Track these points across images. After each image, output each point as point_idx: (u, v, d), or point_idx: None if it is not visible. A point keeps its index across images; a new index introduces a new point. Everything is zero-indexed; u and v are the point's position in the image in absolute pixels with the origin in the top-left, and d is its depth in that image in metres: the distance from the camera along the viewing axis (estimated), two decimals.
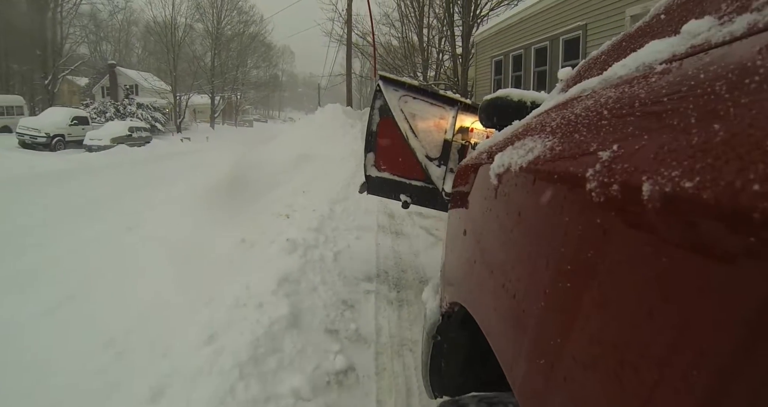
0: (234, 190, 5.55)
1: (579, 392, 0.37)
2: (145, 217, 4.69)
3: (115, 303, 2.80)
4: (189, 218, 4.43)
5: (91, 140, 15.27)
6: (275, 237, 3.53)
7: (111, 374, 2.06)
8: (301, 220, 4.04)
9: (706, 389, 0.25)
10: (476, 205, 0.77)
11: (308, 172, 5.66)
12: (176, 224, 4.28)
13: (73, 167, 10.50)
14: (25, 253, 3.83)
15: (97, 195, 6.58)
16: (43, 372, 2.11)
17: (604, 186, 0.35)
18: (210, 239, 3.91)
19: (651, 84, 0.41)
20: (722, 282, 0.24)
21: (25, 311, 2.72)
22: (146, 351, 2.19)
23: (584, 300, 0.38)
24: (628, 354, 0.31)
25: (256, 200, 5.21)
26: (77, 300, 2.89)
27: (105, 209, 5.50)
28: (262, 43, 35.55)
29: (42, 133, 14.81)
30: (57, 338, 2.42)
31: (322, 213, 4.29)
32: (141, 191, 6.52)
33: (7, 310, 2.73)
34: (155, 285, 2.99)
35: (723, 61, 0.33)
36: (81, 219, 5.03)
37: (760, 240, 0.22)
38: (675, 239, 0.28)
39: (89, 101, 24.12)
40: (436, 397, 1.10)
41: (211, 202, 4.93)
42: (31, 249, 3.95)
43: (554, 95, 0.79)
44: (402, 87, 3.00)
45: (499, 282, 0.58)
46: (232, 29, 31.72)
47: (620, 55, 0.58)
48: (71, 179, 8.37)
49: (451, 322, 0.96)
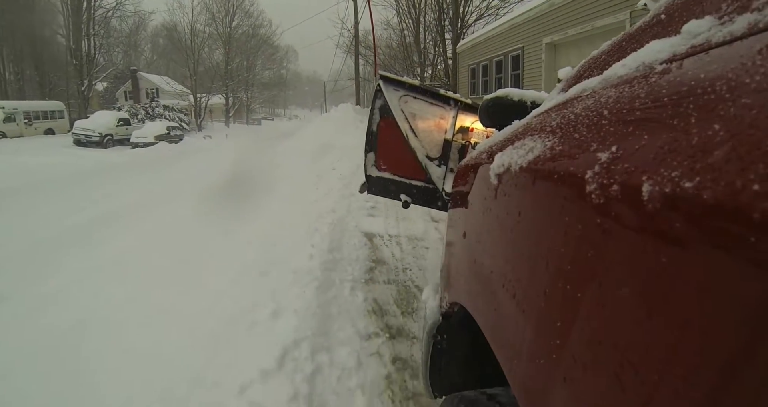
0: (286, 164, 8.09)
1: (579, 392, 0.37)
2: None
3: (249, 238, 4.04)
4: (280, 172, 7.35)
5: (137, 138, 17.48)
6: (330, 180, 6.28)
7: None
8: (338, 179, 6.34)
9: (706, 389, 0.25)
10: (476, 205, 0.77)
11: (333, 155, 7.52)
12: (276, 174, 7.18)
13: (132, 160, 12.78)
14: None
15: (188, 175, 8.91)
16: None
17: (604, 186, 0.35)
18: (304, 174, 6.98)
19: (651, 84, 0.40)
20: (722, 282, 0.24)
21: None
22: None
23: (584, 300, 0.37)
24: (627, 354, 0.31)
25: (310, 165, 7.61)
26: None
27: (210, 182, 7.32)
28: (270, 46, 37.77)
29: (96, 133, 17.45)
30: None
31: (346, 176, 6.52)
32: (211, 174, 8.30)
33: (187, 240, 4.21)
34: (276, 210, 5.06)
35: (723, 61, 0.33)
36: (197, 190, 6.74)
37: (760, 240, 0.22)
38: (675, 239, 0.28)
39: (120, 105, 26.37)
40: (435, 397, 1.10)
41: (276, 169, 7.73)
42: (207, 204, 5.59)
43: (554, 95, 0.79)
44: (402, 87, 2.99)
45: (499, 282, 0.58)
46: (243, 34, 33.98)
47: (620, 55, 0.58)
48: (142, 167, 10.65)
49: (451, 322, 0.96)
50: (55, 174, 9.51)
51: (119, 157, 13.45)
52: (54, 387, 2.08)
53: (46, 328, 2.63)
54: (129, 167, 11.00)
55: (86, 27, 23.42)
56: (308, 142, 9.96)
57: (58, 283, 3.37)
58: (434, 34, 18.56)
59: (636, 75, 0.46)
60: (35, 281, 3.41)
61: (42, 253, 4.13)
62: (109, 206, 6.09)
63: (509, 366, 0.53)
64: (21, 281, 3.42)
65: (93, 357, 2.28)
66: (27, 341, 2.52)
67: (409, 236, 4.00)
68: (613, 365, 0.32)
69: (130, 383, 2.00)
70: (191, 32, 29.85)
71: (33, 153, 13.35)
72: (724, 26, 0.39)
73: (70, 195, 7.03)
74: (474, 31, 15.71)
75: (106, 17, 25.40)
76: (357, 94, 19.29)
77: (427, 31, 19.22)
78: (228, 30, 32.38)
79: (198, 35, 30.07)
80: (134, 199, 6.58)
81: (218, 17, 32.03)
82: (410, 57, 20.27)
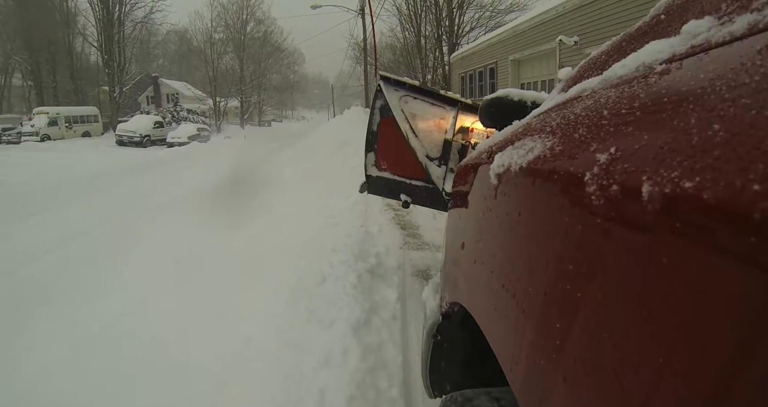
0: (316, 156, 9.56)
1: (579, 392, 0.37)
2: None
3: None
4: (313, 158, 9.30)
5: (173, 138, 20.02)
6: (349, 166, 6.90)
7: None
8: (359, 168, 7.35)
9: (706, 389, 0.25)
10: (476, 205, 0.77)
11: (349, 150, 8.14)
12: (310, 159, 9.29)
13: (174, 156, 14.53)
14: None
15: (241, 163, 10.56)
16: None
17: (604, 186, 0.35)
18: (330, 162, 8.34)
19: (651, 84, 0.40)
20: (722, 282, 0.24)
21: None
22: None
23: (584, 300, 0.37)
24: (627, 354, 0.31)
25: (335, 156, 8.69)
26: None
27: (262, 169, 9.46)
28: (280, 51, 40.21)
29: (137, 135, 20.29)
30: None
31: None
32: (259, 164, 10.20)
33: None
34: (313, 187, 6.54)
35: (723, 61, 0.33)
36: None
37: (760, 240, 0.22)
38: (675, 239, 0.28)
39: (149, 109, 29.66)
40: (435, 397, 1.10)
41: (312, 159, 9.38)
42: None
43: (554, 95, 0.79)
44: (403, 87, 2.99)
45: (499, 282, 0.58)
46: (256, 41, 36.63)
47: (620, 55, 0.58)
48: (189, 161, 12.29)
49: (451, 322, 0.96)
50: (133, 164, 11.94)
51: (164, 155, 15.41)
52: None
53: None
54: (176, 161, 12.81)
55: (117, 39, 26.56)
56: (328, 140, 10.85)
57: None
58: (433, 43, 21.51)
59: (636, 75, 0.46)
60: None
61: (181, 205, 5.99)
62: (193, 183, 8.04)
63: (509, 365, 0.53)
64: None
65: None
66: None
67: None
68: (613, 365, 0.32)
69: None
70: (210, 43, 33.05)
71: (89, 152, 16.00)
72: (723, 26, 0.39)
73: (156, 177, 9.16)
74: (468, 41, 19.10)
75: (134, 29, 28.30)
76: (366, 98, 20.90)
77: (427, 40, 21.96)
78: (242, 38, 34.96)
79: (215, 44, 33.11)
80: (209, 179, 8.22)
81: (234, 27, 34.63)
82: (412, 62, 22.72)
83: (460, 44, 19.10)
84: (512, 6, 19.32)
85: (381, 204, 5.05)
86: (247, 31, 34.87)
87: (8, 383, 2.14)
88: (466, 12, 19.84)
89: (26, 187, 7.91)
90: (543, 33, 9.36)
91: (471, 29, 20.22)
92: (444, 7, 19.67)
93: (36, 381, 2.13)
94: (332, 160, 8.43)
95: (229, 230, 4.35)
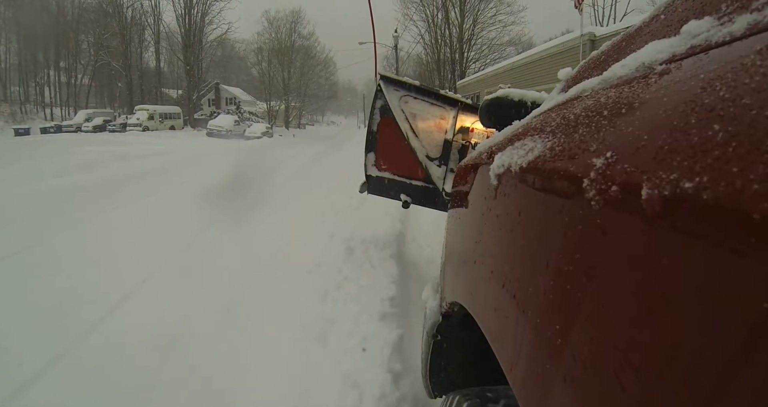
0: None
1: (579, 392, 0.37)
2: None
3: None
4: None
5: (250, 133, 27.09)
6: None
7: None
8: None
9: (707, 389, 0.25)
10: (476, 205, 0.77)
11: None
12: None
13: (257, 145, 19.52)
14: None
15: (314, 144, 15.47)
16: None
17: (604, 186, 0.35)
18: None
19: (651, 84, 0.40)
20: (722, 283, 0.24)
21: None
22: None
23: (584, 301, 0.37)
24: (628, 354, 0.31)
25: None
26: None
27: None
28: (320, 62, 47.12)
29: (224, 129, 26.93)
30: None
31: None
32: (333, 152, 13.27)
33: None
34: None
35: (723, 61, 0.33)
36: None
37: (760, 240, 0.22)
38: (674, 239, 0.28)
39: (223, 110, 37.68)
40: (435, 397, 1.10)
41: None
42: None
43: (554, 95, 0.79)
44: (403, 87, 2.99)
45: (499, 282, 0.58)
46: (301, 55, 43.83)
47: (620, 56, 0.58)
48: (273, 148, 15.62)
49: (451, 322, 0.96)
50: (234, 148, 15.49)
51: (248, 144, 19.95)
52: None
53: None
54: (266, 147, 17.02)
55: (196, 50, 35.94)
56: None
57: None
58: (448, 69, 29.69)
59: (636, 75, 0.46)
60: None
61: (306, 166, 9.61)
62: (289, 154, 12.00)
63: (509, 365, 0.53)
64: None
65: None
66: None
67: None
68: (614, 365, 0.32)
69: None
70: (267, 59, 42.05)
71: (191, 140, 21.48)
72: (723, 26, 0.39)
73: (261, 153, 12.74)
74: (475, 70, 26.56)
75: (211, 46, 37.93)
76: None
77: (444, 65, 29.97)
78: (291, 54, 42.72)
79: (272, 61, 41.77)
80: (302, 152, 12.42)
81: (285, 42, 42.62)
82: (433, 80, 29.70)
83: (466, 73, 26.51)
84: (511, 41, 27.78)
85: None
86: (293, 44, 42.53)
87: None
88: (473, 46, 28.67)
89: (179, 156, 12.43)
90: (495, 81, 16.40)
91: (476, 60, 29.10)
92: (457, 41, 28.15)
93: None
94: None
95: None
